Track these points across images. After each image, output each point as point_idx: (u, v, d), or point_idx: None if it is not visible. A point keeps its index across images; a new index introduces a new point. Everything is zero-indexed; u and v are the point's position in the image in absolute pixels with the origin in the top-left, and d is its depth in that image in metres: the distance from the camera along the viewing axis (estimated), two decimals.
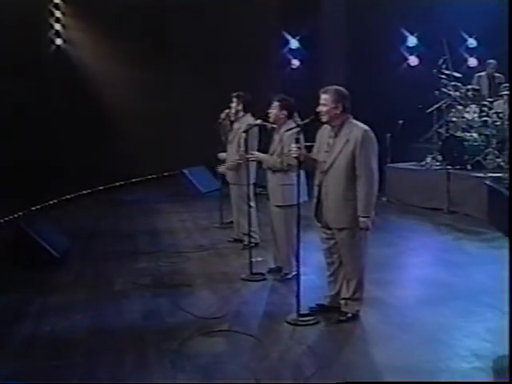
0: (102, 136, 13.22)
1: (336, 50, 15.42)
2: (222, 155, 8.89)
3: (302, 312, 5.69)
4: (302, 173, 6.27)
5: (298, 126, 5.77)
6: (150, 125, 14.24)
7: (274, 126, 7.01)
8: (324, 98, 5.51)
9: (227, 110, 8.85)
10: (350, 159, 5.35)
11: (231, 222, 8.99)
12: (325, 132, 5.65)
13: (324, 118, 5.52)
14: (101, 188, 13.41)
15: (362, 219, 5.37)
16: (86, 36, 13.57)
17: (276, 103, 6.96)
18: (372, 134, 5.44)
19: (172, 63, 14.43)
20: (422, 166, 11.49)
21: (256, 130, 7.87)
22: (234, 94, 8.57)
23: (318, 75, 15.39)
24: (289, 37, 15.96)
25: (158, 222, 10.37)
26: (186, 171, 12.99)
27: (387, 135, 11.87)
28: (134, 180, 14.23)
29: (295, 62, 16.07)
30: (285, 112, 6.89)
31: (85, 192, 12.92)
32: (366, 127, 5.44)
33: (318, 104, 5.63)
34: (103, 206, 12.14)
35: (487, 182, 6.19)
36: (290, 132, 6.27)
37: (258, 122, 7.48)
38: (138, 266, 7.68)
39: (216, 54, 14.37)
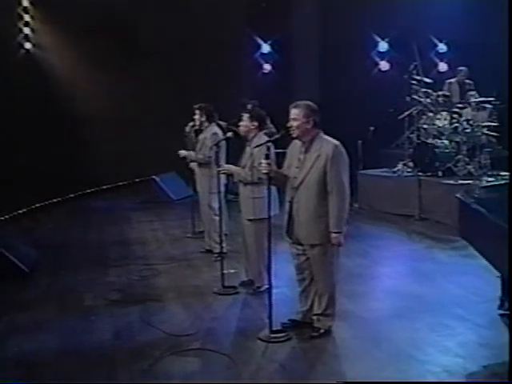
0: (72, 142, 13.06)
1: (308, 55, 15.41)
2: (182, 152, 8.81)
3: (274, 328, 5.65)
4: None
5: (268, 141, 5.71)
6: (122, 130, 14.09)
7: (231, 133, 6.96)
8: (295, 112, 5.47)
9: (191, 123, 8.84)
10: (321, 175, 5.32)
11: (203, 232, 8.93)
12: (295, 147, 5.61)
13: (295, 133, 5.48)
14: (72, 195, 13.22)
15: (333, 235, 5.34)
16: (55, 40, 13.38)
17: (246, 115, 6.91)
18: (342, 149, 5.42)
19: (144, 69, 14.27)
20: (394, 172, 11.51)
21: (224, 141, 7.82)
22: (196, 106, 8.54)
23: (290, 80, 15.41)
24: (260, 41, 15.91)
25: (128, 232, 10.26)
26: (157, 178, 12.92)
27: (359, 142, 11.89)
28: (105, 187, 14.08)
29: (267, 67, 16.02)
30: (255, 123, 6.85)
31: (55, 200, 12.72)
32: (337, 142, 5.42)
33: (289, 109, 5.61)
34: (74, 214, 11.96)
35: (458, 196, 6.18)
36: (258, 148, 6.25)
37: (229, 134, 7.44)
38: (109, 280, 7.57)
39: (188, 60, 14.26)
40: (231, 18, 14.70)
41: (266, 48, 15.93)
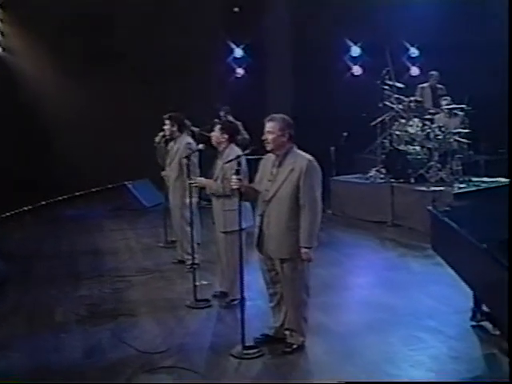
0: (43, 148, 12.94)
1: (281, 59, 15.41)
2: (164, 173, 8.77)
3: (247, 344, 5.61)
4: None
5: (238, 157, 5.67)
6: (94, 136, 13.98)
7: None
8: (270, 126, 5.43)
9: (161, 133, 8.75)
10: (294, 189, 5.29)
11: (175, 241, 8.87)
12: (268, 161, 5.58)
13: (269, 147, 5.45)
14: (43, 203, 13.06)
15: (304, 250, 5.31)
16: (27, 44, 13.23)
17: (217, 127, 6.88)
18: (316, 164, 5.39)
19: (116, 73, 14.16)
20: (367, 179, 11.55)
21: (196, 153, 7.75)
22: (166, 116, 8.46)
23: (263, 84, 15.40)
24: (233, 46, 15.86)
25: (100, 241, 10.13)
26: (129, 185, 12.82)
27: (331, 148, 11.91)
28: (77, 193, 13.94)
29: (240, 71, 15.98)
30: (226, 136, 6.81)
31: (26, 208, 12.56)
32: (311, 157, 5.40)
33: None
34: (44, 223, 11.79)
35: (429, 209, 6.19)
36: (229, 164, 6.23)
37: (200, 146, 7.38)
38: (80, 293, 7.47)
39: (161, 64, 14.18)
40: (204, 23, 14.61)
41: (238, 52, 15.88)
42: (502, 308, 4.29)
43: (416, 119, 11.23)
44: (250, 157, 6.18)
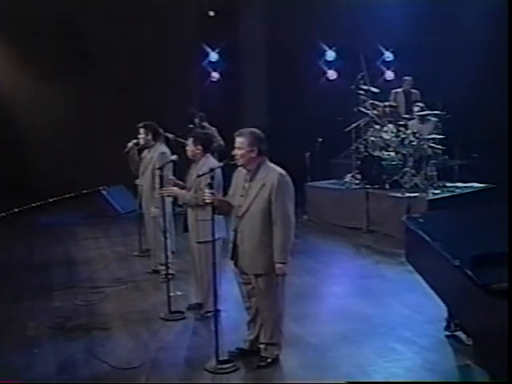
0: (16, 154, 12.82)
1: (256, 63, 15.39)
2: (139, 181, 8.70)
3: (221, 358, 5.58)
4: None
5: (211, 170, 5.63)
6: (68, 141, 13.90)
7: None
8: (239, 141, 5.38)
9: (135, 140, 8.66)
10: (266, 204, 5.25)
11: (150, 250, 8.80)
12: (240, 175, 5.54)
13: (239, 162, 5.41)
14: (16, 210, 12.88)
15: (278, 265, 5.27)
16: None
17: (191, 139, 6.82)
18: (288, 179, 5.34)
19: (91, 78, 14.07)
20: (342, 184, 11.56)
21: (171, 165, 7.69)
22: (141, 125, 8.38)
23: (239, 88, 15.37)
24: (208, 49, 15.79)
25: (74, 250, 10.00)
26: (104, 191, 12.71)
27: (306, 154, 11.91)
28: (51, 200, 13.78)
29: (215, 75, 15.92)
30: (200, 147, 6.75)
31: None
32: (282, 171, 5.35)
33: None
34: (17, 231, 11.59)
35: (404, 219, 6.20)
36: (203, 172, 6.20)
37: (174, 157, 7.35)
38: (53, 306, 7.35)
39: (135, 68, 14.08)
40: (179, 27, 14.55)
41: (213, 56, 15.81)
42: (476, 326, 4.31)
43: (391, 125, 11.26)
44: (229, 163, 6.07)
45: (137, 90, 14.09)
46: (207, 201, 5.43)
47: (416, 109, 11.57)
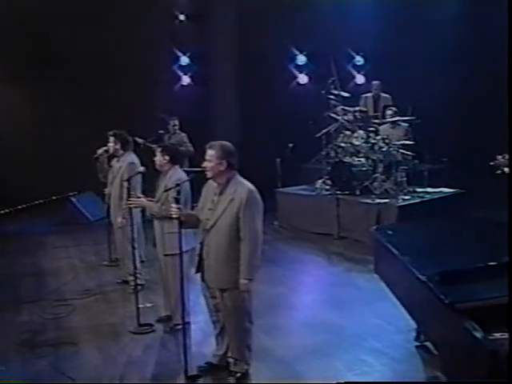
0: None
1: (227, 68, 15.31)
2: (108, 190, 8.62)
3: (190, 373, 5.54)
4: None
5: (177, 185, 5.58)
6: (36, 147, 13.72)
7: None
8: (209, 154, 5.33)
9: (104, 148, 8.58)
10: (234, 220, 5.20)
11: (119, 259, 8.73)
12: (210, 188, 5.49)
13: (209, 174, 5.37)
14: None
15: (243, 281, 5.21)
16: None
17: (158, 149, 6.77)
18: (257, 195, 5.29)
19: (58, 82, 13.89)
20: (313, 190, 11.56)
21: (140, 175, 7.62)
22: (111, 133, 8.30)
23: (209, 93, 15.30)
24: (179, 53, 15.68)
25: (42, 260, 9.84)
26: (73, 199, 12.58)
27: (277, 160, 11.90)
28: (20, 207, 13.58)
29: (186, 79, 15.81)
30: (167, 157, 6.70)
31: None
32: (252, 187, 5.29)
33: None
34: None
35: (373, 231, 6.20)
36: (172, 182, 6.15)
37: (141, 169, 7.29)
38: (20, 320, 7.23)
39: (104, 73, 13.93)
40: (150, 31, 14.42)
41: (184, 60, 15.70)
42: (442, 342, 4.32)
43: (361, 131, 11.28)
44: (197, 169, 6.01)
45: (106, 94, 13.94)
46: (174, 216, 5.38)
47: (389, 112, 11.60)
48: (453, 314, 3.84)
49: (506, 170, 6.13)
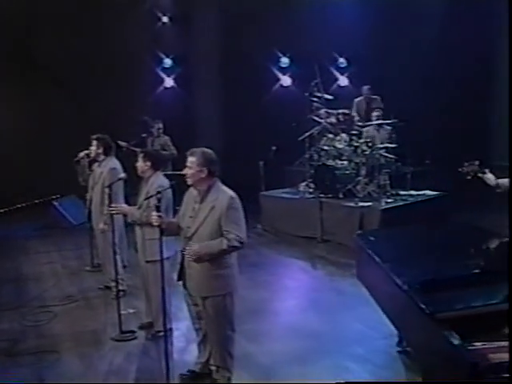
0: None
1: (210, 70, 15.29)
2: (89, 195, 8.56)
3: (172, 382, 5.50)
4: None
5: (158, 193, 5.54)
6: (17, 149, 13.62)
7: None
8: (190, 161, 5.29)
9: (86, 151, 8.53)
10: (216, 227, 5.17)
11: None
12: (191, 195, 5.46)
13: (189, 182, 5.33)
14: None
15: (195, 247, 5.15)
16: None
17: (141, 155, 6.73)
18: (238, 201, 5.25)
19: (40, 84, 13.81)
20: (296, 193, 11.56)
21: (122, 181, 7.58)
22: (94, 137, 8.23)
23: (193, 95, 15.27)
24: (163, 56, 15.63)
25: (24, 266, 9.76)
26: (55, 203, 12.45)
27: (260, 163, 11.88)
28: (1, 210, 13.43)
29: (169, 82, 15.75)
30: (149, 163, 6.66)
31: None
32: (233, 194, 5.26)
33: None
34: None
35: (356, 237, 6.20)
36: (154, 188, 6.12)
37: (122, 175, 7.25)
38: (0, 328, 7.16)
39: (87, 75, 13.86)
40: (132, 33, 14.35)
41: (168, 62, 15.65)
42: (422, 351, 4.32)
43: (344, 134, 11.30)
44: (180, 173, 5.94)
45: (89, 97, 13.89)
46: (154, 224, 5.35)
47: (374, 114, 11.62)
48: (433, 324, 3.83)
49: (480, 175, 6.18)
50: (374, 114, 11.67)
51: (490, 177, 6.16)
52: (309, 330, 6.90)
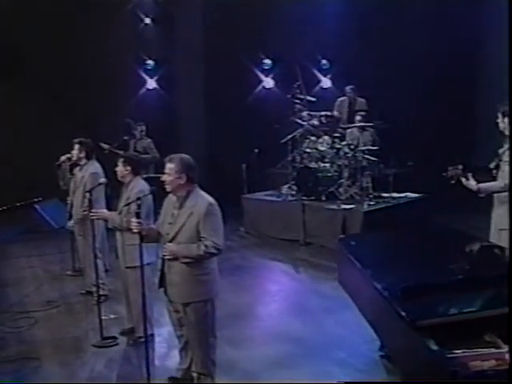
0: None
1: (192, 71, 15.24)
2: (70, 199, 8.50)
3: None
4: None
5: (138, 199, 5.51)
6: None
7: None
8: (168, 167, 5.27)
9: (68, 155, 8.48)
10: (194, 233, 5.14)
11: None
12: (170, 201, 5.43)
13: (168, 188, 5.31)
14: None
15: (172, 246, 5.16)
16: None
17: (121, 159, 6.69)
18: (217, 207, 5.23)
19: (22, 86, 13.70)
20: (278, 196, 11.54)
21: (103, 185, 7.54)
22: (76, 141, 8.21)
23: (175, 97, 15.23)
24: (145, 57, 15.55)
25: (5, 271, 9.67)
26: (37, 206, 12.35)
27: (243, 165, 11.87)
28: None
29: (151, 83, 15.67)
30: (129, 168, 6.62)
31: None
32: (212, 200, 5.23)
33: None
34: None
35: (337, 241, 6.20)
36: (134, 193, 6.10)
37: (102, 180, 7.22)
38: None
39: (70, 77, 13.76)
40: (115, 34, 14.27)
41: (150, 64, 15.57)
42: (402, 358, 4.32)
43: (326, 136, 11.31)
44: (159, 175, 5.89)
45: (71, 100, 13.79)
46: (134, 231, 5.32)
47: (357, 118, 11.63)
48: (413, 332, 3.82)
49: (463, 180, 6.22)
50: (357, 117, 11.65)
51: (471, 183, 6.22)
52: (291, 334, 6.89)
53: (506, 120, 6.20)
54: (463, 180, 6.23)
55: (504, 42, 10.41)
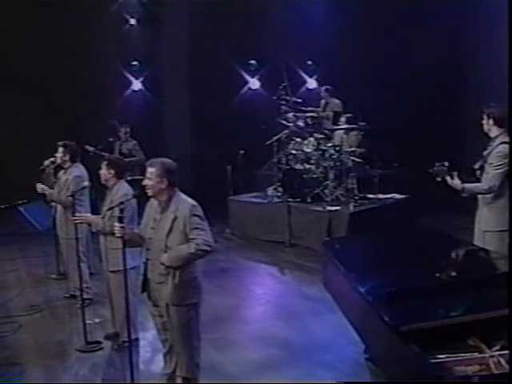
0: None
1: (178, 72, 15.21)
2: (41, 187, 8.38)
3: None
4: None
5: (121, 203, 5.48)
6: None
7: None
8: (149, 171, 5.24)
9: (51, 159, 8.43)
10: (184, 238, 5.11)
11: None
12: (152, 206, 5.41)
13: (149, 193, 5.29)
14: None
15: (164, 258, 5.10)
16: None
17: (104, 162, 6.65)
18: (200, 209, 5.20)
19: (7, 86, 13.62)
20: (264, 198, 11.53)
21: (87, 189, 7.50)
22: (61, 144, 8.15)
23: (161, 98, 15.20)
24: (130, 58, 15.48)
25: None
26: (21, 208, 12.27)
27: (228, 167, 11.84)
28: None
29: (137, 84, 15.61)
30: (112, 171, 6.58)
31: None
32: (193, 202, 5.21)
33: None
34: None
35: (322, 244, 6.19)
36: (118, 197, 6.08)
37: (86, 183, 7.18)
38: None
39: (55, 78, 13.69)
40: (100, 35, 14.21)
41: (135, 65, 15.51)
42: (386, 363, 4.31)
43: (311, 138, 11.30)
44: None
45: (55, 100, 13.73)
46: (117, 235, 5.29)
47: (342, 120, 11.63)
48: (397, 337, 3.81)
49: (448, 178, 6.23)
50: (342, 119, 11.65)
51: (456, 182, 6.24)
52: (277, 337, 6.89)
53: (491, 122, 6.25)
54: (448, 179, 6.25)
55: (494, 43, 10.50)
